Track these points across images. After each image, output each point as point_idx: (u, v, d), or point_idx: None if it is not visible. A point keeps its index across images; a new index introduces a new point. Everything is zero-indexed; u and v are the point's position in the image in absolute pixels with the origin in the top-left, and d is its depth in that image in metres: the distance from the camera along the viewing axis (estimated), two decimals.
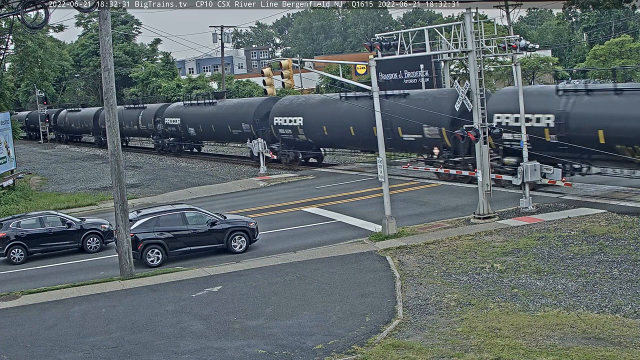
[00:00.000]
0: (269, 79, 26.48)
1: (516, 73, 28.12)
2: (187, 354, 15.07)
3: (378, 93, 25.41)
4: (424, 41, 26.39)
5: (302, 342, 15.21)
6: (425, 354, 13.99)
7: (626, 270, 18.51)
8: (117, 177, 22.07)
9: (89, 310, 18.73)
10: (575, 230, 22.89)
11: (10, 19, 33.69)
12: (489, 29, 42.23)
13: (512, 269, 19.43)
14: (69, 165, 58.13)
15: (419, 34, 26.80)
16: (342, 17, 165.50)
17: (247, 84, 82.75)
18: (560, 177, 27.39)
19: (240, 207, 32.51)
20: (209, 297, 19.09)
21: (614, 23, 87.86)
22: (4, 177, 40.87)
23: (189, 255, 24.27)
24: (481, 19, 25.90)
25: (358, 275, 20.03)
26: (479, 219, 25.43)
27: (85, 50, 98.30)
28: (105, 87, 22.07)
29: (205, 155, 59.34)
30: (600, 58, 71.20)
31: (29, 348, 16.24)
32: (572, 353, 13.43)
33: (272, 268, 21.58)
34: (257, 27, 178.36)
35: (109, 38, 21.94)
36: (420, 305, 17.01)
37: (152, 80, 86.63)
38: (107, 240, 26.88)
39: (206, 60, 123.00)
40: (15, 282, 23.02)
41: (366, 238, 24.58)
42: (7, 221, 26.63)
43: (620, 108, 26.45)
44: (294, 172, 43.56)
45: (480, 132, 25.05)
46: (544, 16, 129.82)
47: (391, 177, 28.56)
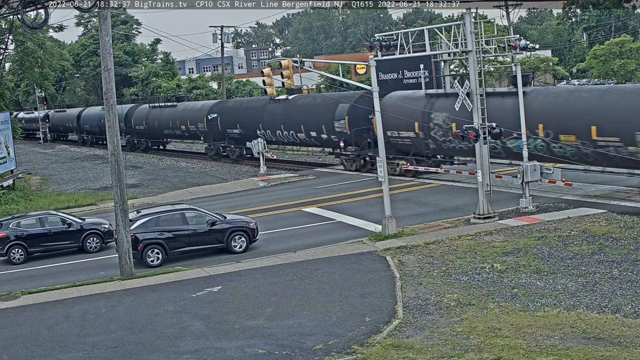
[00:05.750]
0: (269, 79, 26.49)
1: (516, 73, 28.12)
2: (187, 354, 15.07)
3: (377, 93, 25.43)
4: (424, 41, 26.39)
5: (302, 342, 15.21)
6: (425, 354, 13.99)
7: (626, 270, 18.51)
8: (117, 177, 22.07)
9: (89, 310, 18.73)
10: (575, 230, 22.89)
11: (10, 19, 33.73)
12: (489, 29, 42.32)
13: (512, 269, 19.43)
14: (69, 165, 58.11)
15: (419, 34, 26.81)
16: (342, 17, 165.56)
17: (247, 84, 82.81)
18: (560, 177, 27.41)
19: (240, 207, 32.51)
20: (209, 297, 19.09)
21: (614, 23, 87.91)
22: (4, 177, 40.89)
23: (189, 255, 24.27)
24: (481, 19, 25.90)
25: (358, 275, 20.03)
26: (479, 219, 25.43)
27: (85, 50, 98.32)
28: (105, 87, 22.07)
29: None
30: (600, 58, 71.27)
31: (29, 348, 16.24)
32: (572, 353, 13.43)
33: (272, 268, 21.58)
34: (257, 27, 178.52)
35: (109, 38, 21.94)
36: (420, 305, 17.01)
37: (152, 80, 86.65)
38: (107, 240, 26.88)
39: (206, 60, 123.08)
40: (15, 282, 23.02)
41: (366, 238, 24.58)
42: (7, 221, 26.62)
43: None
44: (293, 172, 43.61)
45: (480, 132, 25.06)
46: (544, 16, 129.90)
47: (391, 177, 28.56)
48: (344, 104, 39.76)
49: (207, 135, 54.34)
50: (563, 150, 28.10)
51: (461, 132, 25.79)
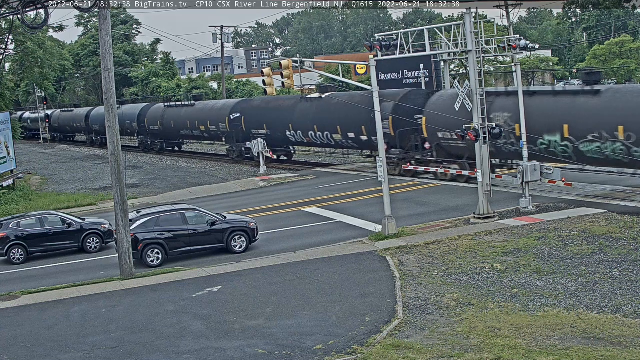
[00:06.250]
0: (269, 79, 26.47)
1: (516, 73, 28.13)
2: (187, 354, 15.07)
3: (377, 93, 25.43)
4: (424, 41, 26.40)
5: (302, 342, 15.21)
6: (425, 354, 13.99)
7: (626, 270, 18.51)
8: (117, 177, 22.07)
9: (89, 310, 18.73)
10: (575, 230, 22.89)
11: (10, 19, 33.74)
12: (489, 29, 42.31)
13: (512, 269, 19.43)
14: (69, 165, 58.11)
15: (419, 34, 26.81)
16: (342, 17, 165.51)
17: (247, 84, 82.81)
18: (560, 177, 27.40)
19: (240, 207, 32.51)
20: (209, 297, 19.09)
21: (614, 23, 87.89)
22: (4, 177, 40.89)
23: (189, 255, 24.27)
24: (481, 19, 25.91)
25: (358, 275, 20.03)
26: (479, 219, 25.43)
27: (85, 50, 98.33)
28: (105, 87, 22.07)
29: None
30: (600, 58, 71.23)
31: (29, 348, 16.24)
32: (572, 353, 13.43)
33: (272, 268, 21.58)
34: (257, 27, 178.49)
35: (109, 38, 21.94)
36: (420, 305, 17.01)
37: (152, 80, 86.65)
38: (107, 240, 26.88)
39: (206, 60, 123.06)
40: (15, 282, 23.02)
41: (366, 238, 24.58)
42: (7, 221, 26.62)
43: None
44: (293, 172, 43.58)
45: (480, 132, 25.06)
46: (544, 16, 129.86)
47: (391, 177, 28.55)
48: (387, 103, 35.23)
49: (229, 136, 50.87)
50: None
51: (461, 132, 25.80)
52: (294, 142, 47.07)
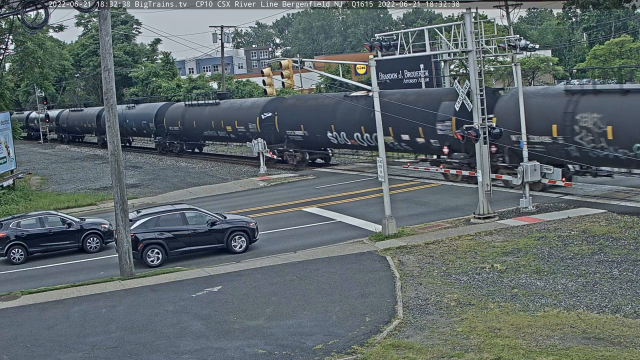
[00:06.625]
0: (269, 79, 26.49)
1: (516, 73, 28.13)
2: (187, 354, 15.07)
3: (378, 93, 25.43)
4: (424, 41, 26.40)
5: (302, 342, 15.21)
6: (425, 354, 13.99)
7: (626, 270, 18.51)
8: (117, 177, 22.07)
9: (89, 310, 18.73)
10: (575, 230, 22.89)
11: (10, 19, 33.74)
12: (489, 29, 42.26)
13: (512, 269, 19.43)
14: (69, 165, 58.12)
15: (419, 34, 26.81)
16: (342, 17, 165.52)
17: (247, 84, 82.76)
18: (560, 177, 27.40)
19: (240, 207, 32.51)
20: (209, 297, 19.09)
21: (614, 23, 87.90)
22: (4, 177, 40.89)
23: (189, 255, 24.27)
24: (481, 19, 25.91)
25: (358, 275, 20.03)
26: (479, 219, 25.43)
27: (85, 50, 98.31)
28: (105, 87, 22.07)
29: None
30: (600, 58, 71.22)
31: (29, 348, 16.24)
32: (572, 353, 13.43)
33: (272, 268, 21.58)
34: (257, 27, 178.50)
35: (109, 38, 21.94)
36: (420, 305, 17.01)
37: (152, 80, 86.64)
38: (107, 240, 26.88)
39: (206, 60, 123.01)
40: (15, 282, 23.02)
41: (366, 238, 24.58)
42: (7, 221, 26.63)
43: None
44: (293, 172, 43.57)
45: (480, 132, 25.06)
46: (544, 16, 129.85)
47: (391, 177, 28.55)
48: (448, 102, 32.07)
49: (259, 137, 45.82)
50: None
51: (461, 132, 25.80)
52: (336, 145, 43.35)
